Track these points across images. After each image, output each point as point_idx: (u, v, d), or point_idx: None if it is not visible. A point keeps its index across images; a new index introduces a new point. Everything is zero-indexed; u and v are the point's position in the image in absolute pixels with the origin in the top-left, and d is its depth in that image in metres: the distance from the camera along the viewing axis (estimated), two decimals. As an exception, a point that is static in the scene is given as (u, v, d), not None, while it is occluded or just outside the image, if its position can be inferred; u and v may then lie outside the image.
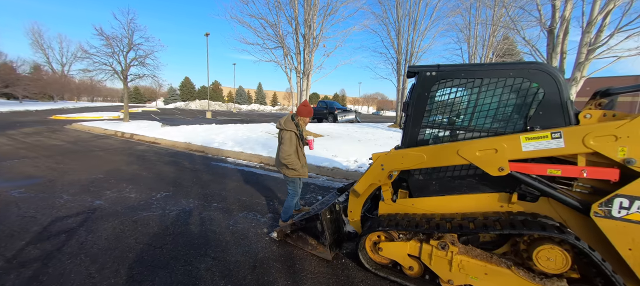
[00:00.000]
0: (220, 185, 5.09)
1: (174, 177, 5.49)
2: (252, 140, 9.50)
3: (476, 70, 2.29)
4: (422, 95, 2.47)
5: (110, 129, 11.29)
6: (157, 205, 4.00)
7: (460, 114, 2.43)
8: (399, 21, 16.07)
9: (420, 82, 2.47)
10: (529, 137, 2.05)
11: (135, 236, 3.07)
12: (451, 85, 2.39)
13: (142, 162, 6.64)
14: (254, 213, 3.87)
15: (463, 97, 2.40)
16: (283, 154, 2.96)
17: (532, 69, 2.11)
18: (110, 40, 12.08)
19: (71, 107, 35.18)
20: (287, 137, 3.00)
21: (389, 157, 2.59)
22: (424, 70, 2.45)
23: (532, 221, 2.03)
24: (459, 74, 2.35)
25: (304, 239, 2.93)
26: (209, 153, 8.13)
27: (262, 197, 4.55)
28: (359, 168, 6.35)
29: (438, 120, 2.50)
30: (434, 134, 2.51)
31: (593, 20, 7.06)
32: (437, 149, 2.36)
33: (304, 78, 10.41)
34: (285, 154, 2.96)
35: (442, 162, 2.37)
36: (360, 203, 2.97)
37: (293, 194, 3.28)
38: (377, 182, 2.73)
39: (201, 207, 4.01)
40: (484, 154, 2.18)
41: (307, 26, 9.75)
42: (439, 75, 2.40)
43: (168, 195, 4.44)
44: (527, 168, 2.09)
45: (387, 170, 2.62)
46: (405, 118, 2.61)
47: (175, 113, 30.21)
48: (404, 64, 16.80)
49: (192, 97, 69.78)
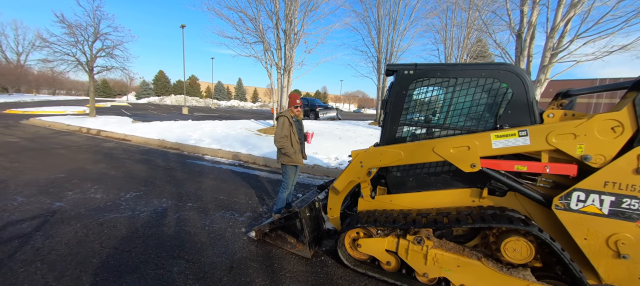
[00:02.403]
0: (196, 183, 4.89)
1: (146, 175, 5.19)
2: (231, 137, 9.23)
3: (451, 69, 2.37)
4: (400, 93, 2.51)
5: (74, 125, 10.46)
6: (126, 206, 3.76)
7: (436, 112, 2.51)
8: (380, 20, 16.34)
9: (399, 80, 2.50)
10: (498, 134, 2.15)
11: (101, 240, 2.86)
12: (428, 84, 2.45)
13: (110, 160, 6.21)
14: (232, 212, 3.76)
15: (439, 96, 2.47)
16: (275, 137, 3.08)
17: (502, 70, 2.21)
18: (73, 29, 11.13)
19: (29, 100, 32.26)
20: (280, 122, 3.11)
21: (368, 154, 2.61)
22: (402, 68, 2.49)
23: (500, 214, 2.13)
24: (435, 73, 2.41)
25: (283, 238, 2.89)
26: (185, 151, 7.79)
27: (241, 195, 4.44)
28: (340, 165, 6.38)
29: (415, 118, 2.55)
30: (412, 132, 2.57)
31: (556, 26, 7.58)
32: (414, 146, 2.42)
33: (285, 75, 10.26)
34: (277, 137, 3.06)
35: (418, 159, 2.42)
36: (340, 200, 2.98)
37: (284, 186, 3.27)
38: (356, 179, 2.74)
39: (175, 207, 3.83)
40: (457, 151, 2.25)
41: (288, 21, 9.60)
42: (416, 73, 2.45)
43: (138, 195, 4.19)
44: (496, 164, 2.20)
45: (366, 167, 2.64)
46: (384, 116, 2.64)
47: (149, 108, 28.66)
48: (384, 62, 17.13)
49: (167, 92, 66.50)
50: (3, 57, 42.70)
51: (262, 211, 3.86)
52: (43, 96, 48.41)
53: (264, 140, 9.03)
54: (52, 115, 13.38)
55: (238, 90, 79.50)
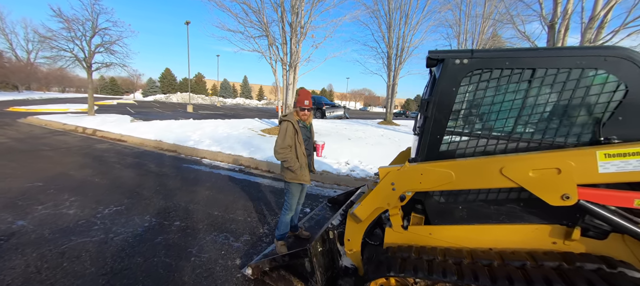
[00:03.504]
0: (189, 194, 4.27)
1: (133, 184, 4.60)
2: (233, 138, 8.62)
3: (526, 57, 1.65)
4: (447, 91, 1.80)
5: (71, 124, 10.00)
6: (100, 225, 3.15)
7: (501, 118, 1.79)
8: (391, 14, 15.50)
9: (447, 73, 1.79)
10: (610, 152, 1.43)
11: (53, 280, 2.24)
12: (489, 77, 1.74)
13: (98, 165, 5.65)
14: (226, 234, 3.12)
15: (506, 94, 1.76)
16: (275, 147, 2.43)
17: (611, 55, 1.49)
18: (70, 23, 10.65)
19: (37, 98, 32.48)
20: (282, 128, 2.44)
21: (403, 174, 1.92)
22: (452, 56, 1.78)
23: (615, 274, 1.42)
24: (502, 62, 1.69)
25: (287, 280, 2.23)
26: (182, 153, 7.20)
27: (239, 210, 3.79)
28: (351, 172, 5.69)
29: (470, 125, 1.85)
30: (464, 144, 1.86)
31: (595, 15, 6.71)
32: (471, 165, 1.72)
33: (291, 71, 9.58)
34: (277, 147, 2.41)
35: (477, 182, 1.72)
36: (362, 230, 2.29)
37: (287, 207, 2.61)
38: (385, 205, 2.06)
39: (159, 226, 3.20)
40: (540, 175, 1.54)
41: (294, 13, 8.90)
42: (473, 63, 1.73)
43: (119, 209, 3.58)
44: (605, 197, 1.48)
45: (400, 191, 1.95)
46: (424, 122, 1.94)
47: (154, 106, 28.43)
48: (395, 58, 16.30)
49: (173, 90, 66.72)
50: (13, 55, 43.13)
51: (262, 233, 3.21)
52: (52, 94, 48.94)
53: (268, 141, 8.39)
54: (51, 114, 13.00)
55: (244, 88, 79.36)
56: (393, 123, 17.03)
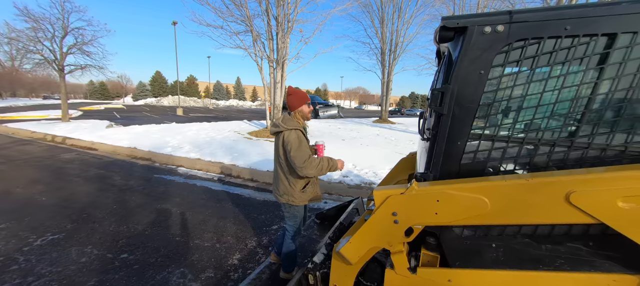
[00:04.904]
0: (152, 214, 3.59)
1: (87, 202, 3.90)
2: (216, 142, 7.93)
3: (602, 16, 1.04)
4: (473, 75, 1.18)
5: (40, 132, 9.18)
6: (22, 263, 2.47)
7: (559, 112, 1.17)
8: (383, 7, 14.94)
9: (472, 49, 1.17)
10: None
11: None
12: (540, 51, 1.12)
13: (54, 179, 4.92)
14: (183, 270, 2.45)
15: (567, 77, 1.14)
16: (298, 163, 1.83)
17: None
18: (39, 22, 9.81)
19: (21, 104, 31.45)
20: (294, 139, 1.88)
21: (409, 201, 1.29)
22: (480, 22, 1.15)
23: None
24: (560, 27, 1.07)
25: None
26: (157, 162, 6.48)
27: (208, 232, 3.13)
28: (344, 178, 5.07)
29: (509, 126, 1.23)
30: (498, 153, 1.24)
31: None
32: (515, 189, 1.10)
33: (278, 68, 8.92)
34: (300, 162, 1.82)
35: (527, 216, 1.12)
36: (352, 275, 1.66)
37: (293, 230, 2.22)
38: (384, 244, 1.44)
39: (98, 262, 2.53)
40: (636, 205, 0.94)
41: (279, 5, 8.23)
42: (514, 31, 1.11)
43: (55, 239, 2.90)
44: None
45: (405, 225, 1.34)
46: (437, 122, 1.31)
47: (143, 110, 27.51)
48: (389, 54, 15.77)
49: (164, 93, 65.41)
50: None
51: (230, 266, 2.55)
52: (38, 100, 47.48)
53: (254, 145, 7.72)
54: (24, 121, 12.11)
55: (237, 90, 78.44)
56: (389, 121, 16.50)
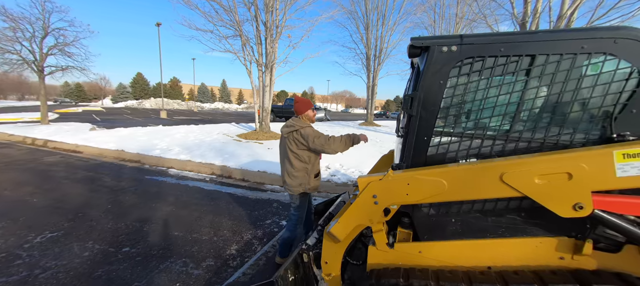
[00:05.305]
0: (147, 211, 3.72)
1: (81, 202, 3.96)
2: (205, 145, 8.02)
3: (525, 42, 1.40)
4: (435, 85, 1.52)
5: (19, 135, 8.87)
6: (26, 260, 2.57)
7: (497, 114, 1.53)
8: (368, 14, 15.51)
9: (433, 64, 1.51)
10: (629, 152, 1.20)
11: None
12: (482, 67, 1.48)
13: (42, 181, 4.89)
14: (185, 260, 2.65)
15: (502, 87, 1.50)
16: (323, 143, 2.32)
17: (622, 37, 1.27)
18: (17, 22, 9.50)
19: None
20: (311, 131, 2.39)
21: (386, 185, 1.60)
22: (439, 43, 1.50)
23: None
24: (496, 49, 1.43)
25: (251, 319, 1.84)
26: (147, 164, 6.52)
27: (204, 227, 3.32)
28: (332, 176, 5.37)
29: (462, 124, 1.57)
30: (455, 146, 1.58)
31: (563, 14, 6.92)
32: (466, 172, 1.44)
33: (267, 72, 9.13)
34: (324, 142, 2.31)
35: (474, 192, 1.44)
36: (341, 251, 1.95)
37: (296, 218, 2.54)
38: (366, 222, 1.74)
39: (101, 256, 2.67)
40: (548, 182, 1.29)
41: (268, 11, 8.48)
42: (463, 51, 1.46)
43: (56, 236, 3.00)
44: (627, 205, 1.25)
45: (383, 205, 1.64)
46: (408, 122, 1.64)
47: (124, 112, 26.67)
48: (374, 59, 16.33)
49: (146, 95, 63.34)
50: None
51: (229, 255, 2.77)
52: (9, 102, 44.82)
53: (244, 147, 7.88)
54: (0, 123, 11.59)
55: (222, 92, 77.19)
56: (374, 124, 17.02)
